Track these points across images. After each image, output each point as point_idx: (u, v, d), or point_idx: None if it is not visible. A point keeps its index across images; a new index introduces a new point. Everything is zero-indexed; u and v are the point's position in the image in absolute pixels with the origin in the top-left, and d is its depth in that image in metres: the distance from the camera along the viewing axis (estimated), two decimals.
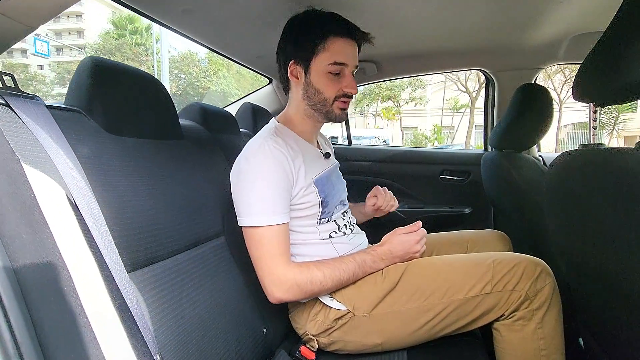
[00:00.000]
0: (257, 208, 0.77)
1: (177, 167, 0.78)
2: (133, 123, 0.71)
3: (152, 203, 0.68)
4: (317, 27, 0.82)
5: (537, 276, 0.74)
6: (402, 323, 0.80)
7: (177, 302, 0.66)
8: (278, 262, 0.78)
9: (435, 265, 0.82)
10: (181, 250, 0.73)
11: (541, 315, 0.74)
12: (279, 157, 0.79)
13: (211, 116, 1.00)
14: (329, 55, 0.81)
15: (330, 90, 0.84)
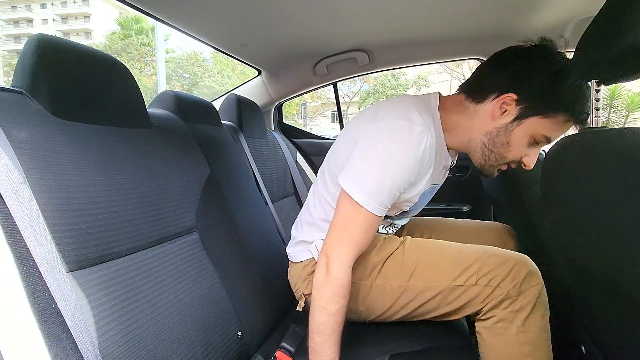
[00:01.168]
0: (373, 190, 0.69)
1: (142, 157, 0.73)
2: (88, 108, 0.65)
3: (107, 195, 0.62)
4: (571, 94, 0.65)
5: (523, 277, 0.70)
6: (382, 297, 0.79)
7: (133, 304, 0.61)
8: (347, 246, 0.71)
9: (427, 248, 0.80)
10: (143, 247, 0.67)
11: (523, 318, 0.69)
12: (424, 158, 0.70)
13: (187, 105, 0.95)
14: (551, 127, 0.68)
15: (516, 152, 0.72)
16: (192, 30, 1.08)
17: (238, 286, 0.85)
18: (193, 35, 1.11)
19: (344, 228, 0.71)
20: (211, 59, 19.31)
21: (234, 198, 0.97)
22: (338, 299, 0.69)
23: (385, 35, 1.23)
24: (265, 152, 1.34)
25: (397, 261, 0.80)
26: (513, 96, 0.68)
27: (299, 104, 15.74)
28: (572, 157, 0.50)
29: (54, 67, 0.59)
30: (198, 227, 0.82)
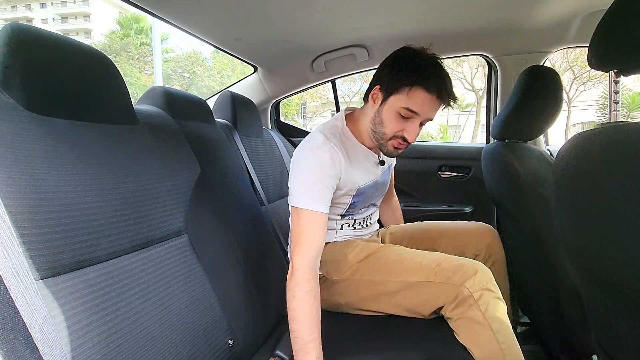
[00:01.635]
0: (305, 194, 0.86)
1: (126, 156, 0.68)
2: (66, 102, 0.60)
3: (86, 196, 0.58)
4: (412, 72, 0.84)
5: (475, 275, 0.81)
6: (359, 291, 0.94)
7: (113, 314, 0.56)
8: (302, 246, 0.83)
9: (397, 253, 0.95)
10: (126, 252, 0.63)
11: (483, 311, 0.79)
12: (335, 156, 0.89)
13: (177, 102, 0.90)
14: (406, 100, 0.85)
15: (391, 128, 0.88)
16: (184, 24, 1.04)
17: (230, 291, 0.81)
18: (186, 30, 1.07)
19: (297, 233, 0.85)
20: (211, 59, 19.25)
21: (227, 199, 0.92)
22: (303, 285, 0.79)
23: (386, 30, 1.19)
24: (262, 151, 1.30)
25: (372, 261, 0.94)
26: (377, 87, 0.89)
27: (298, 103, 15.68)
28: (591, 155, 0.46)
29: (28, 58, 0.55)
30: (187, 230, 0.78)
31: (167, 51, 19.98)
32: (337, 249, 1.00)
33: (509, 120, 0.99)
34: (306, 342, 0.75)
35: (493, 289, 0.80)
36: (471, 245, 1.05)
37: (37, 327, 0.44)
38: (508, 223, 1.11)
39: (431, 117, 0.88)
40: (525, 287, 1.14)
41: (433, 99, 0.83)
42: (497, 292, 0.80)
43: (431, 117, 0.88)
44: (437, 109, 0.87)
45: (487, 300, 0.78)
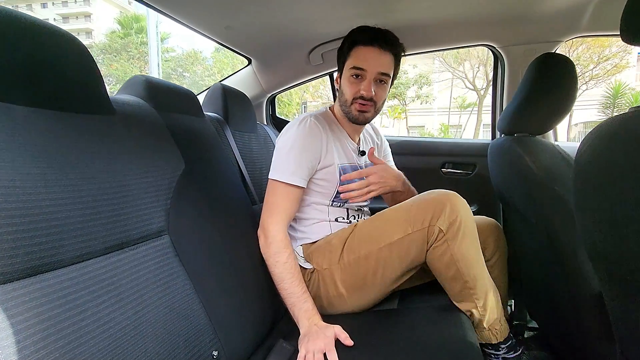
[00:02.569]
0: (283, 166, 0.92)
1: (99, 149, 0.62)
2: (27, 87, 0.54)
3: (48, 192, 0.51)
4: (350, 38, 0.96)
5: (446, 211, 0.83)
6: (354, 273, 0.91)
7: (76, 324, 0.50)
8: (277, 215, 0.90)
9: (373, 219, 0.94)
10: (97, 254, 0.57)
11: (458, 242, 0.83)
12: (315, 131, 0.95)
13: (160, 92, 0.84)
14: (352, 61, 0.94)
15: (349, 92, 0.96)
16: (171, 11, 0.98)
17: (216, 298, 0.74)
18: (174, 17, 1.00)
19: (270, 202, 0.92)
20: (211, 58, 19.20)
21: (214, 197, 0.86)
22: (283, 249, 0.88)
23: (386, 18, 1.12)
24: (255, 147, 1.23)
25: (354, 237, 0.94)
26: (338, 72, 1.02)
27: (299, 103, 15.63)
28: (623, 143, 0.39)
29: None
30: (169, 230, 0.71)
31: (167, 51, 19.95)
32: (324, 243, 1.00)
33: (519, 113, 0.92)
34: (300, 295, 0.85)
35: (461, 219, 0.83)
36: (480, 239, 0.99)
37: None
38: (517, 223, 1.03)
39: (381, 70, 0.93)
40: (536, 291, 1.07)
41: (373, 50, 0.92)
42: (464, 222, 0.83)
43: (380, 69, 0.93)
44: (384, 60, 0.93)
45: (454, 232, 0.82)
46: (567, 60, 0.86)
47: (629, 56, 11.41)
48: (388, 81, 0.97)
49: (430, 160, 1.53)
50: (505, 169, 0.96)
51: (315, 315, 0.84)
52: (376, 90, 0.95)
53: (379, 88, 0.96)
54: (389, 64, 0.95)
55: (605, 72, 11.63)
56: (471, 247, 0.85)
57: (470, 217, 0.86)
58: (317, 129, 0.95)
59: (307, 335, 0.78)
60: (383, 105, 1.01)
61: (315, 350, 0.74)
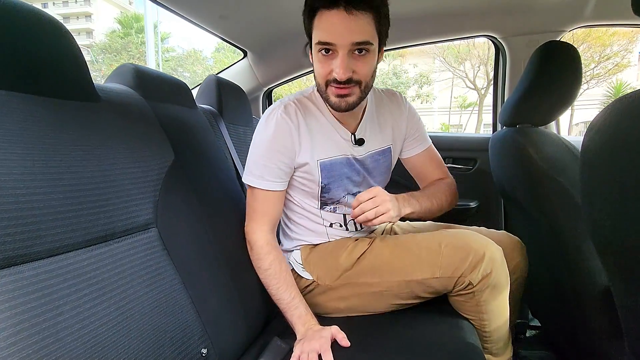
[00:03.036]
0: (252, 169, 0.84)
1: (81, 136, 0.59)
2: (7, 70, 0.51)
3: (25, 180, 0.48)
4: (311, 3, 0.72)
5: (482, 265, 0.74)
6: (359, 295, 0.85)
7: (54, 319, 0.47)
8: (256, 221, 0.85)
9: (394, 247, 0.85)
10: (78, 247, 0.54)
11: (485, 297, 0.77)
12: (282, 129, 0.81)
13: (150, 81, 0.81)
14: (317, 34, 0.72)
15: (319, 74, 0.76)
16: (166, 1, 0.95)
17: (206, 293, 0.72)
18: (167, 6, 0.97)
19: (249, 206, 0.86)
20: (211, 58, 19.19)
21: (206, 190, 0.83)
22: (264, 257, 0.83)
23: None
24: (250, 141, 1.20)
25: (366, 262, 0.85)
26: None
27: None
28: (632, 123, 0.36)
29: None
30: (157, 223, 0.68)
31: (167, 50, 19.95)
32: (327, 252, 0.90)
33: (521, 103, 0.89)
34: (289, 301, 0.81)
35: (494, 272, 0.75)
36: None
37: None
38: (519, 218, 1.01)
39: (357, 39, 0.69)
40: (538, 288, 1.04)
41: (338, 13, 0.67)
42: (497, 274, 0.75)
43: (355, 38, 0.68)
44: (357, 23, 0.68)
45: (486, 286, 0.75)
46: (571, 48, 0.83)
47: (630, 55, 11.37)
48: (371, 49, 0.72)
49: None
50: (508, 162, 0.93)
51: (310, 319, 0.80)
52: (355, 66, 0.72)
53: (359, 62, 0.72)
54: (366, 27, 0.69)
55: (606, 71, 11.58)
56: (499, 302, 0.79)
57: (505, 271, 0.77)
58: (284, 126, 0.80)
59: (304, 338, 0.75)
60: (373, 80, 0.78)
61: (310, 351, 0.70)
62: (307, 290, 0.91)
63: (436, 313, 0.86)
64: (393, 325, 0.84)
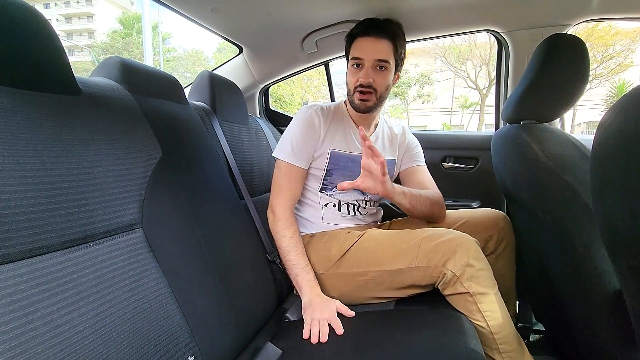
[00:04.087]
0: (284, 146, 1.01)
1: (60, 131, 0.56)
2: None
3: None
4: (351, 31, 1.02)
5: (454, 254, 0.81)
6: (347, 283, 0.94)
7: (22, 327, 0.44)
8: (282, 196, 0.98)
9: (379, 239, 0.94)
10: (53, 249, 0.51)
11: (467, 286, 0.80)
12: (313, 119, 1.02)
13: (137, 74, 0.77)
14: (352, 52, 1.00)
15: (350, 82, 1.01)
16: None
17: (194, 297, 0.68)
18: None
19: (275, 182, 1.00)
20: (213, 59, 19.18)
21: (195, 189, 0.79)
22: (289, 226, 0.96)
23: (385, 3, 1.06)
24: (246, 140, 1.17)
25: (355, 251, 0.94)
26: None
27: (300, 103, 15.58)
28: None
29: None
30: (143, 223, 0.65)
31: (168, 51, 19.97)
32: (322, 243, 1.01)
33: (525, 99, 0.85)
34: (304, 266, 0.94)
35: (473, 262, 0.80)
36: (482, 231, 1.00)
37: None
38: (523, 219, 0.97)
39: (378, 57, 0.96)
40: (542, 291, 1.00)
41: (368, 39, 0.96)
42: (478, 264, 0.81)
43: (377, 55, 0.96)
44: (380, 46, 0.96)
45: (469, 276, 0.80)
46: (578, 40, 0.80)
47: (632, 55, 11.30)
48: (389, 67, 0.98)
49: (430, 154, 1.46)
50: (511, 160, 0.89)
51: (316, 285, 0.92)
52: (375, 77, 0.97)
53: (378, 75, 0.98)
54: (386, 50, 0.96)
55: (608, 71, 11.52)
56: (492, 297, 0.81)
57: (484, 260, 0.83)
58: (315, 119, 1.01)
59: (311, 305, 0.86)
60: (387, 92, 1.02)
61: (321, 319, 0.81)
62: None
63: (437, 315, 0.82)
64: (390, 327, 0.81)
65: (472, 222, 1.02)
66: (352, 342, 0.75)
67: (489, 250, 1.00)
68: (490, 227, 1.00)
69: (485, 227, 1.00)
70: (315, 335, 0.79)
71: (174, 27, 24.41)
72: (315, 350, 0.76)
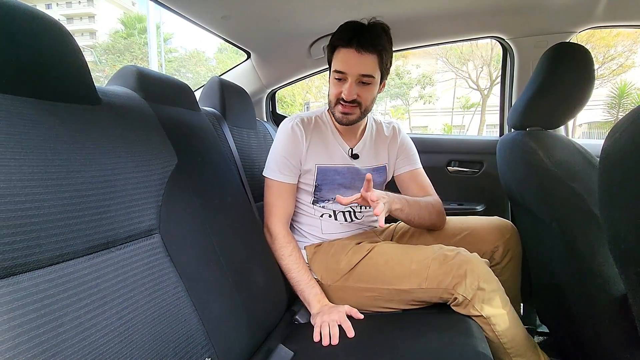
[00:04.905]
0: (271, 165, 1.00)
1: (82, 140, 0.57)
2: (7, 74, 0.50)
3: (25, 187, 0.47)
4: (332, 39, 0.94)
5: (465, 278, 0.81)
6: (355, 296, 0.95)
7: (54, 330, 0.45)
8: (275, 215, 0.99)
9: (389, 256, 0.93)
10: (79, 255, 0.52)
11: (480, 308, 0.80)
12: (295, 132, 1.00)
13: (152, 83, 0.79)
14: (334, 64, 0.94)
15: (332, 93, 0.96)
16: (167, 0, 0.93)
17: (209, 300, 0.70)
18: (167, 6, 0.96)
19: (268, 202, 1.00)
20: (214, 59, 19.22)
21: (209, 194, 0.81)
22: (286, 244, 0.96)
23: (392, 9, 1.08)
24: (254, 144, 1.19)
25: (364, 266, 0.94)
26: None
27: (302, 103, 15.60)
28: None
29: None
30: (160, 229, 0.67)
31: (170, 51, 20.00)
32: (330, 255, 1.00)
33: (531, 106, 0.87)
34: (308, 281, 0.94)
35: (485, 285, 0.80)
36: (489, 242, 1.00)
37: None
38: (528, 223, 0.98)
39: (363, 71, 0.90)
40: (547, 294, 1.02)
41: (351, 52, 0.88)
42: (489, 286, 0.81)
43: (362, 71, 0.89)
44: (365, 61, 0.89)
45: (481, 299, 0.80)
46: (583, 49, 0.81)
47: (634, 56, 11.29)
48: (373, 81, 0.93)
49: (435, 158, 1.48)
50: (517, 166, 0.91)
51: (324, 298, 0.93)
52: (360, 91, 0.93)
53: (362, 89, 0.93)
54: (370, 64, 0.90)
55: (610, 71, 11.51)
56: (500, 305, 0.82)
57: (494, 279, 0.83)
58: (296, 134, 0.99)
59: (321, 313, 0.87)
60: (372, 105, 0.99)
61: (330, 320, 0.83)
62: None
63: (445, 319, 0.84)
64: (399, 330, 0.82)
65: (477, 232, 1.01)
66: (364, 345, 0.77)
67: (494, 262, 1.00)
68: (496, 238, 0.99)
69: (491, 238, 0.99)
70: (326, 337, 0.80)
71: (176, 27, 24.46)
72: (326, 352, 0.77)
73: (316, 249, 1.03)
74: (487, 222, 1.03)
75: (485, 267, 0.83)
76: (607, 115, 11.21)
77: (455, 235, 1.03)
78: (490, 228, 1.01)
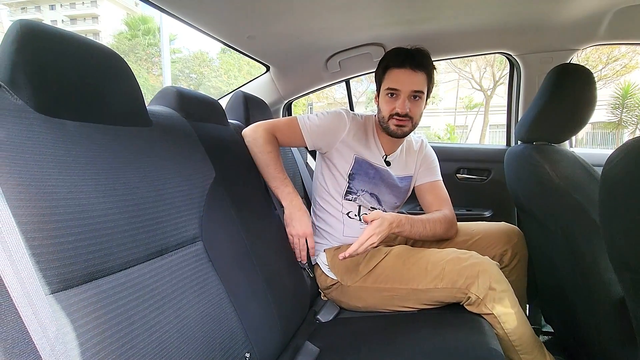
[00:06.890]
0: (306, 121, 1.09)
1: (139, 159, 0.65)
2: (77, 103, 0.57)
3: (98, 203, 0.54)
4: (384, 62, 1.06)
5: (477, 279, 0.87)
6: (373, 296, 1.02)
7: (127, 328, 0.53)
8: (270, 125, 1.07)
9: (406, 258, 1.01)
10: (141, 261, 0.60)
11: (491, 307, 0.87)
12: (343, 118, 1.10)
13: (190, 102, 0.87)
14: (387, 83, 1.04)
15: (386, 109, 1.06)
16: (195, 22, 1.01)
17: (247, 301, 0.77)
18: (197, 27, 1.03)
19: (272, 122, 1.08)
20: (218, 60, 19.29)
21: (241, 203, 0.89)
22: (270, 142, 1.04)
23: (403, 28, 1.15)
24: None
25: (382, 268, 1.02)
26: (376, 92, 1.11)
27: (305, 104, 15.67)
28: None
29: (36, 56, 0.51)
30: (202, 237, 0.74)
31: (174, 52, 20.05)
32: (350, 260, 1.04)
33: (538, 121, 0.94)
34: (283, 179, 1.04)
35: (496, 286, 0.87)
36: (498, 246, 1.07)
37: (48, 348, 0.40)
38: (534, 229, 1.05)
39: (415, 88, 1.01)
40: (552, 295, 1.09)
41: (405, 71, 1.00)
42: (500, 287, 0.87)
43: (414, 87, 1.01)
44: (416, 79, 1.01)
45: (492, 298, 0.87)
46: (586, 71, 0.88)
47: (638, 57, 11.28)
48: (422, 97, 1.04)
49: (445, 165, 1.54)
50: (524, 177, 0.98)
51: (296, 197, 1.05)
52: (411, 106, 1.03)
53: (413, 104, 1.03)
54: (421, 82, 1.02)
55: (614, 72, 11.50)
56: (510, 305, 0.88)
57: (504, 280, 0.90)
58: (343, 119, 1.09)
59: (292, 220, 1.02)
60: (420, 119, 1.09)
61: (298, 235, 1.02)
62: (332, 288, 1.09)
63: (459, 318, 0.91)
64: (416, 329, 0.89)
65: (487, 237, 1.09)
66: (385, 342, 0.84)
67: (503, 264, 1.08)
68: (505, 242, 1.07)
69: (500, 243, 1.07)
70: (297, 252, 1.02)
71: (179, 28, 24.56)
72: (350, 349, 0.85)
73: (335, 251, 1.10)
74: (496, 228, 1.12)
75: (496, 269, 0.90)
76: (611, 115, 11.20)
77: (467, 240, 1.10)
78: (499, 233, 1.09)
